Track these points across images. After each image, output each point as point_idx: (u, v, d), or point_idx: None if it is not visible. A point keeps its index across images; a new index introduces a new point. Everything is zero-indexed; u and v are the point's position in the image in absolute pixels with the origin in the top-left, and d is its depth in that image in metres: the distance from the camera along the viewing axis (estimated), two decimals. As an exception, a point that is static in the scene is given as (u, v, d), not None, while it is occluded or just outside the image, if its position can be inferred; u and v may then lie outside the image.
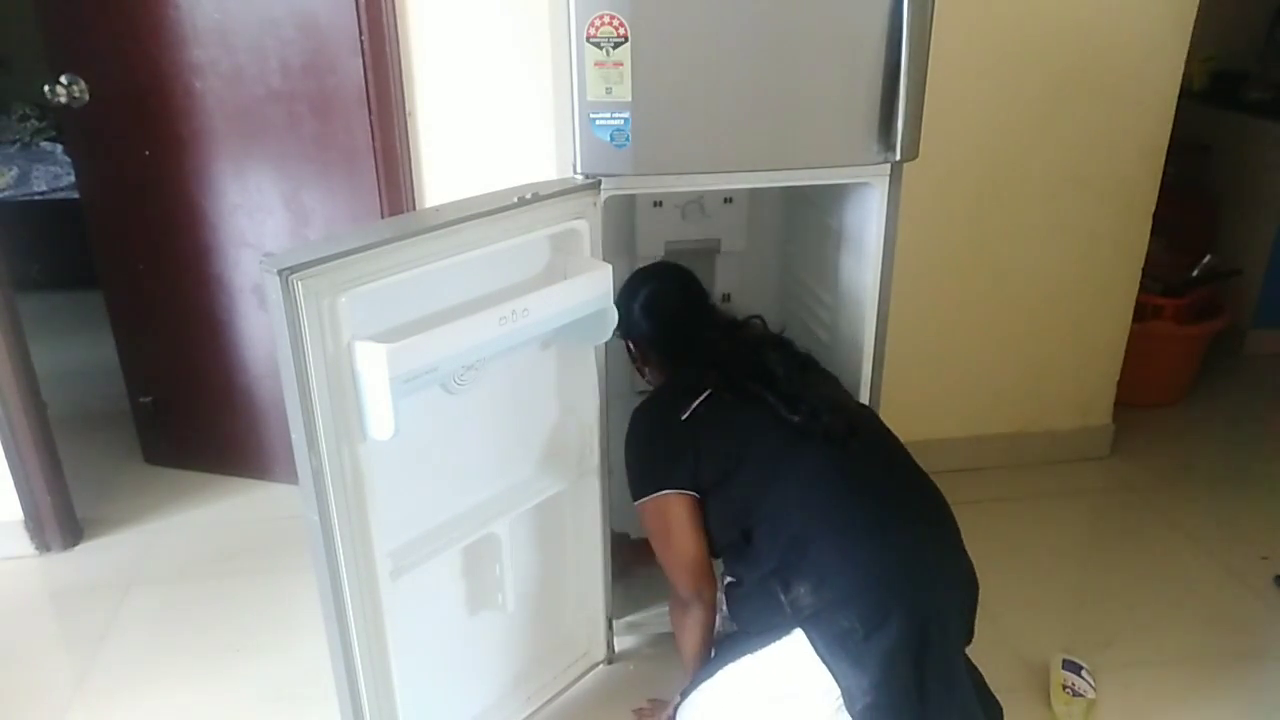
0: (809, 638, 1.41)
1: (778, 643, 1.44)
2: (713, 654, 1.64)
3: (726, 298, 2.21)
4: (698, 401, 1.56)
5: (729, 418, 1.56)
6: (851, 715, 1.40)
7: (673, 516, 1.57)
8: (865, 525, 1.44)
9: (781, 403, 1.52)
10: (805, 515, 1.46)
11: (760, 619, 1.49)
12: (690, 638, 1.67)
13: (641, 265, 1.87)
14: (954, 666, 1.47)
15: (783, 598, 1.44)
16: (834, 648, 1.40)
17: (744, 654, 1.50)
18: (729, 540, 1.56)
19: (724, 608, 1.63)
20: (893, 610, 1.38)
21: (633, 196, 1.96)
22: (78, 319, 3.40)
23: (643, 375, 1.84)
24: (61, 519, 2.42)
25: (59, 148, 3.97)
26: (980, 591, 1.50)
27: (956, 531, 1.51)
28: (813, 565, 1.42)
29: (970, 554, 1.50)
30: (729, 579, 1.58)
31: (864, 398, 1.83)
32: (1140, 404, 2.94)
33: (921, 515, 1.50)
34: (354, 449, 1.35)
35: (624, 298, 1.72)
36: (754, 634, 1.50)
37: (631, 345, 1.79)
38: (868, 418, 1.68)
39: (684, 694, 1.63)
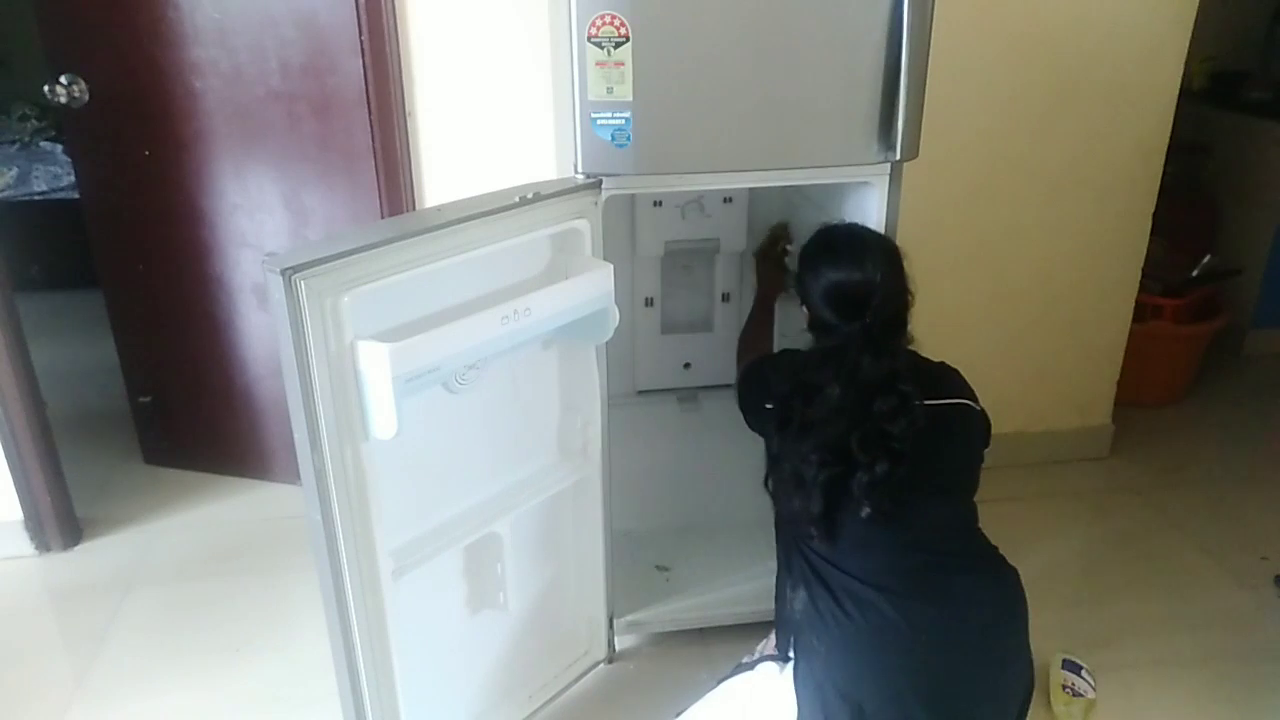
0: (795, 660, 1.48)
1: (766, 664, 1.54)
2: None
3: (726, 297, 2.21)
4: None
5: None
6: None
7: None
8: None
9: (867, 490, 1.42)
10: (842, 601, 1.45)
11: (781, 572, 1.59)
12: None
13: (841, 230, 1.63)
14: None
15: (788, 588, 1.50)
16: (804, 676, 1.45)
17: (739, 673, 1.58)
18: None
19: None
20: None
21: (632, 196, 1.96)
22: (78, 319, 3.39)
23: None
24: (61, 519, 2.41)
25: (59, 148, 3.96)
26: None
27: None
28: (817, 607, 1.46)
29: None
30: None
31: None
32: (1140, 404, 2.94)
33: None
34: (356, 448, 1.35)
35: (814, 262, 1.57)
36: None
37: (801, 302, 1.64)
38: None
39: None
